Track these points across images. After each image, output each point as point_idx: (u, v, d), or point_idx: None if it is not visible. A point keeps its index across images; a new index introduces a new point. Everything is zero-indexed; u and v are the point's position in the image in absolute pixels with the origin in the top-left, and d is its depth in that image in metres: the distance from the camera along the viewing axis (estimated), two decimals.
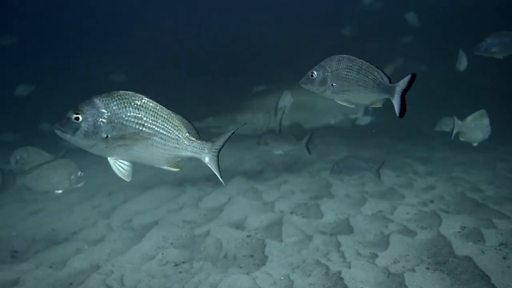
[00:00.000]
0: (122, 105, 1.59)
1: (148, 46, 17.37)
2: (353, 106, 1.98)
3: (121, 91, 1.62)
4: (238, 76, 14.69)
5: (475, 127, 3.45)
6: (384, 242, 2.91)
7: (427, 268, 2.49)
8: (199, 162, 6.22)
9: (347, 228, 3.31)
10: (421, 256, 2.66)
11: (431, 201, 4.05)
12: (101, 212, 4.76)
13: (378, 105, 1.93)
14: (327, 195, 4.70)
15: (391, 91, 1.81)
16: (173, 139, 1.67)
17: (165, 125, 1.66)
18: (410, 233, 3.05)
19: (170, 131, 1.67)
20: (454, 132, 3.52)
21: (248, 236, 3.39)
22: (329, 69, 1.86)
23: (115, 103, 1.58)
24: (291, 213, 4.06)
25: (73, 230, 4.07)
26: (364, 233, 3.13)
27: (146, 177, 7.26)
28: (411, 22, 9.99)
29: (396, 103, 1.80)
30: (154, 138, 1.64)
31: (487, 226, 3.09)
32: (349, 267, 2.57)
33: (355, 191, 4.85)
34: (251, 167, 7.19)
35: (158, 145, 1.67)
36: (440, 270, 2.48)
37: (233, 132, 1.74)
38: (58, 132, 1.58)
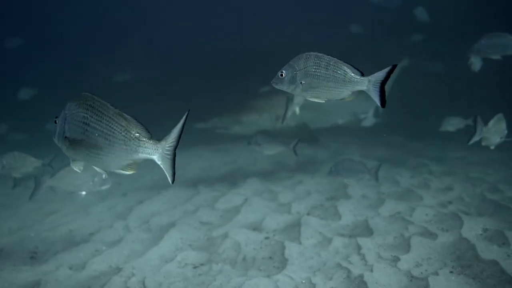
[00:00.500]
0: (76, 106, 1.59)
1: (156, 46, 17.44)
2: (323, 101, 2.00)
3: (87, 93, 1.61)
4: (244, 76, 14.68)
5: (495, 131, 3.44)
6: (405, 244, 2.87)
7: (451, 272, 2.45)
8: (213, 162, 6.21)
9: (366, 230, 3.27)
10: (444, 260, 2.62)
11: (450, 202, 3.99)
12: (117, 213, 4.78)
13: (350, 98, 1.93)
14: (343, 196, 4.66)
15: (364, 83, 1.82)
16: (120, 140, 1.58)
17: (110, 125, 1.57)
18: (431, 235, 3.01)
19: (116, 132, 1.58)
20: (478, 137, 3.49)
21: (266, 238, 3.37)
22: (297, 68, 1.89)
23: (73, 104, 1.60)
24: (308, 214, 4.03)
25: (90, 231, 4.09)
26: (384, 235, 3.09)
27: (159, 178, 7.28)
28: (421, 17, 9.85)
29: (373, 94, 1.80)
30: (99, 139, 1.58)
31: (510, 228, 3.03)
32: (371, 271, 2.54)
33: (371, 191, 4.81)
34: (264, 167, 7.17)
35: (105, 147, 1.59)
36: (465, 274, 2.44)
37: (183, 125, 1.60)
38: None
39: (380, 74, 1.78)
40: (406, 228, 3.17)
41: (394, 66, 1.77)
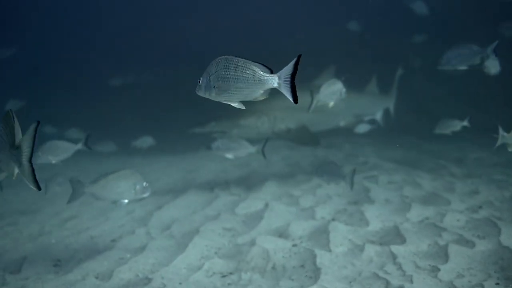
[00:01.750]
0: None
1: (153, 46, 17.38)
2: (243, 108, 2.01)
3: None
4: None
5: None
6: (441, 253, 2.78)
7: (497, 284, 2.37)
8: (225, 164, 6.10)
9: (398, 237, 3.19)
10: (486, 270, 2.53)
11: (480, 207, 3.89)
12: (137, 219, 4.73)
13: (263, 98, 1.96)
14: (366, 200, 4.58)
15: (274, 81, 1.82)
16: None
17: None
18: (468, 243, 2.92)
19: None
20: (499, 143, 3.51)
21: (294, 245, 3.30)
22: (210, 73, 1.94)
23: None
24: (333, 220, 3.95)
25: (112, 238, 4.04)
26: (417, 243, 3.01)
27: (174, 181, 7.24)
28: (419, 11, 9.68)
29: (284, 90, 1.80)
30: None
31: None
32: (411, 282, 2.45)
33: (394, 195, 4.72)
34: (280, 170, 7.10)
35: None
36: None
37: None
38: None
39: (288, 69, 1.77)
40: (439, 235, 3.08)
41: (299, 57, 1.75)
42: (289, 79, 1.77)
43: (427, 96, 11.16)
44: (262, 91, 1.92)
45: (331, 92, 3.80)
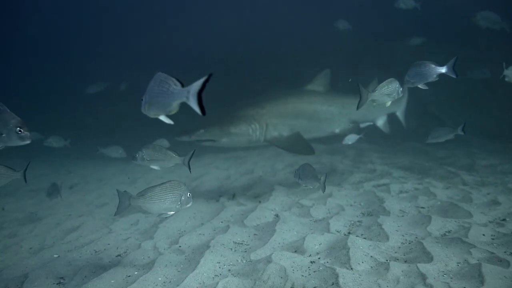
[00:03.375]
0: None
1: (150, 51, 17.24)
2: (171, 123, 2.14)
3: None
4: (233, 83, 14.44)
5: None
6: (475, 273, 2.60)
7: None
8: (229, 172, 5.90)
9: (423, 253, 3.01)
10: None
11: (504, 220, 3.72)
12: (142, 231, 4.54)
13: (175, 111, 2.05)
14: (381, 210, 4.40)
15: (184, 94, 1.90)
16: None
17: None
18: (501, 262, 2.74)
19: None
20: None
21: (312, 262, 3.11)
22: (146, 91, 2.07)
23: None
24: (349, 233, 3.77)
25: (117, 253, 3.85)
26: (446, 261, 2.83)
27: None
28: (406, 6, 9.53)
29: (191, 104, 1.89)
30: None
31: None
32: None
33: (408, 206, 4.55)
34: (286, 177, 6.92)
35: None
36: None
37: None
38: None
39: (197, 84, 1.85)
40: (468, 252, 2.91)
41: (210, 76, 1.84)
42: (196, 94, 1.85)
43: (432, 101, 11.02)
44: (175, 105, 2.00)
45: (388, 91, 3.74)
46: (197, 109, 1.89)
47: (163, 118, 2.13)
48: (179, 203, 3.03)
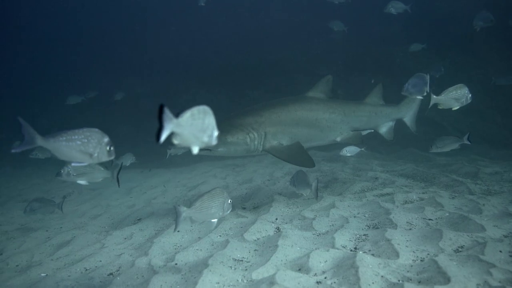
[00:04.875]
0: None
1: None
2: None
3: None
4: (230, 90, 14.27)
5: None
6: None
7: None
8: (228, 181, 5.70)
9: (439, 273, 2.80)
10: None
11: None
12: (136, 246, 4.30)
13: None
14: (387, 223, 4.19)
15: None
16: None
17: None
18: None
19: None
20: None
21: (318, 282, 2.90)
22: None
23: None
24: (356, 248, 3.56)
25: (110, 271, 3.61)
26: (465, 283, 2.62)
27: (174, 199, 6.82)
28: (397, 11, 9.40)
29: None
30: None
31: None
32: None
33: (416, 217, 4.34)
34: (286, 186, 6.70)
35: None
36: None
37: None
38: None
39: None
40: (488, 273, 2.70)
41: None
42: None
43: (432, 107, 10.87)
44: None
45: (456, 96, 3.65)
46: None
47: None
48: (222, 210, 3.16)
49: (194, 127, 1.83)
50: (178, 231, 4.50)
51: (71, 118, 15.60)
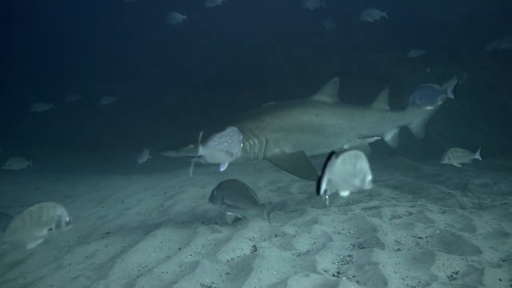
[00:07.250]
0: None
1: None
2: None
3: None
4: (228, 92, 13.93)
5: None
6: None
7: None
8: (207, 190, 5.30)
9: None
10: None
11: None
12: (96, 266, 3.86)
13: None
14: (373, 242, 3.83)
15: None
16: None
17: None
18: None
19: None
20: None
21: None
22: None
23: None
24: (339, 273, 3.19)
25: None
26: None
27: (148, 210, 6.37)
28: (373, 18, 9.23)
29: None
30: None
31: None
32: None
33: (404, 235, 3.98)
34: (267, 198, 6.32)
35: None
36: None
37: None
38: None
39: None
40: None
41: None
42: None
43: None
44: None
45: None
46: None
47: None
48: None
49: (345, 172, 1.98)
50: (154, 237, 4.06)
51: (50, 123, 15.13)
